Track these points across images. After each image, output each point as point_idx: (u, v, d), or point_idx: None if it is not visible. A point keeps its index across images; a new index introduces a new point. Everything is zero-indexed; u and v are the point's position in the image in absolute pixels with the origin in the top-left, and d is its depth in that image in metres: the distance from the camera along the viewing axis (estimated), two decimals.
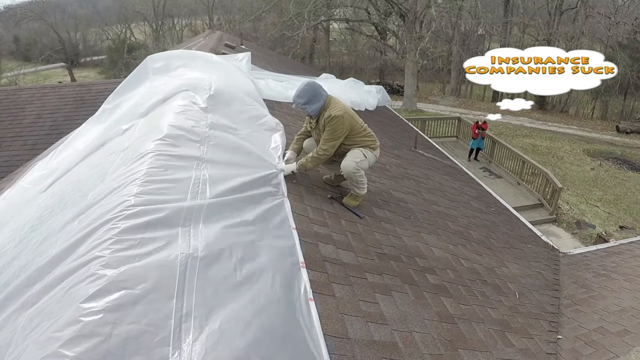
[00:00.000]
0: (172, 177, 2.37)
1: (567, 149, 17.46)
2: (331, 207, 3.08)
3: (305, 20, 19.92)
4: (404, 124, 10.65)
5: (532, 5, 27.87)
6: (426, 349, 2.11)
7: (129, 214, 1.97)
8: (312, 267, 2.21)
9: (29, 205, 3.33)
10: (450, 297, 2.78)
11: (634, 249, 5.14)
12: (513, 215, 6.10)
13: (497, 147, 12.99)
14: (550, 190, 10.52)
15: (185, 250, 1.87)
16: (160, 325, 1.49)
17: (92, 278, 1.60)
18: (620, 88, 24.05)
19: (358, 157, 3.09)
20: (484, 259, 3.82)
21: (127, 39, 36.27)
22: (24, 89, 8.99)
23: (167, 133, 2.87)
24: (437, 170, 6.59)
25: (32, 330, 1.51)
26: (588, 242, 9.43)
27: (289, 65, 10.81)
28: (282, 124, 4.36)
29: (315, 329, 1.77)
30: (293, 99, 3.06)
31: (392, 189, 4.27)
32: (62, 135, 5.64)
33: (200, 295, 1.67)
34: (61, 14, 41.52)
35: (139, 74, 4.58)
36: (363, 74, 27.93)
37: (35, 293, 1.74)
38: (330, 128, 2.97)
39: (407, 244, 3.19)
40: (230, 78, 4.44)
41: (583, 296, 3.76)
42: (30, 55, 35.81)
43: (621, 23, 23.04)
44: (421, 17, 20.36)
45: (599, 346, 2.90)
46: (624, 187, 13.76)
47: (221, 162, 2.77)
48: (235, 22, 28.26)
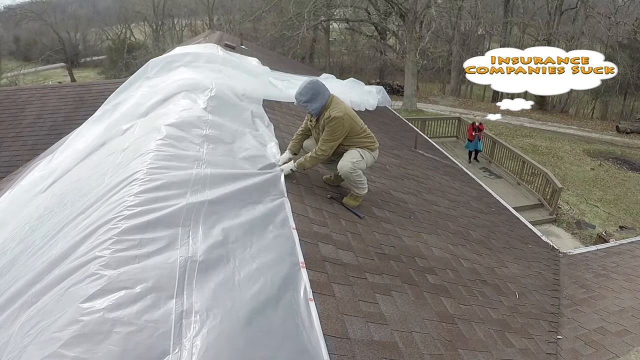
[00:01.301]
0: (172, 177, 2.37)
1: (567, 149, 17.46)
2: (331, 207, 3.08)
3: (305, 20, 19.92)
4: (404, 124, 10.65)
5: (532, 5, 27.88)
6: (426, 349, 2.11)
7: (129, 214, 1.98)
8: (312, 267, 2.21)
9: (29, 205, 3.33)
10: (450, 297, 2.77)
11: (634, 249, 5.14)
12: (513, 216, 6.10)
13: (497, 147, 12.97)
14: (550, 190, 10.52)
15: (185, 250, 1.87)
16: (161, 321, 1.49)
17: (92, 278, 1.60)
18: (620, 88, 24.05)
19: (355, 157, 3.08)
20: (484, 259, 3.82)
21: (127, 39, 36.28)
22: (24, 89, 8.99)
23: (167, 133, 2.88)
24: (437, 170, 6.59)
25: (32, 330, 1.51)
26: (588, 242, 9.43)
27: (289, 65, 10.80)
28: (282, 124, 4.36)
29: (315, 329, 1.77)
30: (295, 97, 3.05)
31: (392, 189, 4.27)
32: (62, 135, 5.64)
33: (200, 294, 1.67)
34: (61, 14, 41.53)
35: (139, 76, 4.60)
36: (363, 74, 27.93)
37: (35, 293, 1.74)
38: (330, 129, 2.97)
39: (407, 244, 3.19)
40: (233, 78, 4.44)
41: (583, 296, 3.76)
42: (30, 56, 35.83)
43: (621, 23, 23.04)
44: (421, 17, 20.35)
45: (599, 346, 2.90)
46: (624, 187, 13.76)
47: (221, 162, 2.78)
48: (235, 22, 28.24)
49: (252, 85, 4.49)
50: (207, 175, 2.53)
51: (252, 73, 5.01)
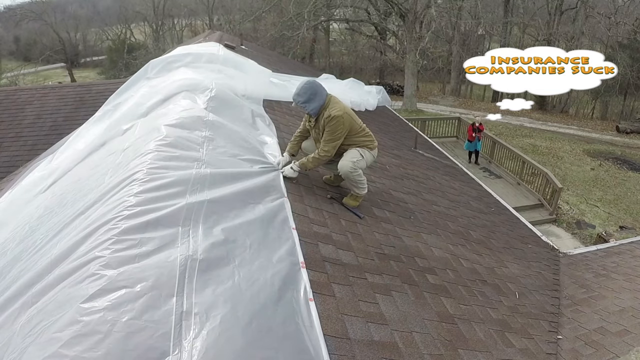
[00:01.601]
0: (172, 176, 2.37)
1: (567, 149, 17.46)
2: (331, 207, 3.08)
3: (305, 21, 19.91)
4: (404, 124, 10.64)
5: (532, 5, 27.87)
6: (426, 349, 2.11)
7: (128, 214, 1.98)
8: (312, 267, 2.21)
9: (30, 205, 3.33)
10: (450, 297, 2.78)
11: (634, 249, 5.14)
12: (513, 216, 6.10)
13: (497, 147, 12.97)
14: (550, 190, 10.52)
15: (185, 250, 1.87)
16: (161, 322, 1.49)
17: (92, 278, 1.60)
18: (620, 88, 24.04)
19: (355, 157, 3.09)
20: (484, 259, 3.82)
21: (127, 39, 36.28)
22: (24, 89, 8.99)
23: (167, 133, 2.88)
24: (437, 170, 6.59)
25: (32, 330, 1.51)
26: (588, 242, 9.43)
27: (288, 66, 10.81)
28: (282, 124, 4.36)
29: (315, 329, 1.77)
30: (293, 98, 3.06)
31: (392, 189, 4.27)
32: (62, 135, 5.64)
33: (200, 294, 1.67)
34: (61, 14, 41.53)
35: (139, 77, 4.60)
36: (363, 74, 27.92)
37: (35, 293, 1.74)
38: (330, 128, 2.97)
39: (407, 244, 3.19)
40: (234, 78, 4.43)
41: (583, 296, 3.76)
42: (30, 56, 35.82)
43: (621, 23, 23.02)
44: (421, 17, 20.35)
45: (599, 346, 2.90)
46: (624, 187, 13.76)
47: (221, 162, 2.78)
48: (235, 22, 28.22)
49: (253, 85, 4.49)
50: (207, 175, 2.53)
51: (253, 72, 5.00)
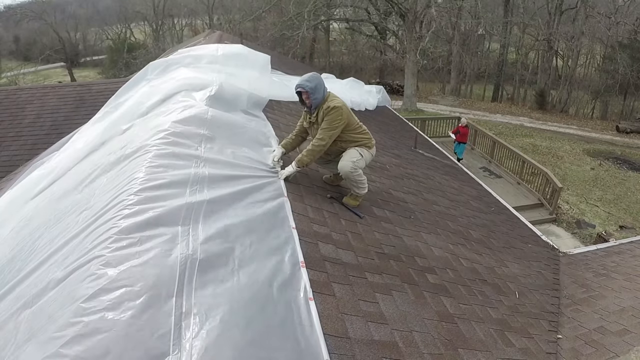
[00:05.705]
0: (171, 176, 2.37)
1: (567, 148, 17.47)
2: (331, 207, 3.08)
3: (305, 20, 19.92)
4: (404, 124, 10.64)
5: (532, 5, 27.84)
6: (426, 349, 2.11)
7: (128, 212, 1.97)
8: (312, 266, 2.21)
9: (29, 204, 3.33)
10: (450, 296, 2.77)
11: (634, 249, 5.14)
12: (513, 215, 6.09)
13: (497, 146, 12.97)
14: (550, 190, 10.52)
15: (184, 248, 1.87)
16: (161, 322, 1.49)
17: (92, 277, 1.60)
18: (620, 88, 24.05)
19: (355, 157, 3.10)
20: (484, 258, 3.82)
21: (127, 38, 36.28)
22: (24, 88, 8.98)
23: (167, 132, 2.88)
24: (437, 170, 6.59)
25: (32, 330, 1.51)
26: (588, 241, 9.43)
27: (289, 65, 10.79)
28: (282, 124, 4.36)
29: (315, 329, 1.77)
30: (300, 84, 2.99)
31: (392, 188, 4.27)
32: (62, 135, 5.64)
33: (200, 293, 1.67)
34: (61, 13, 41.50)
35: (139, 79, 4.60)
36: (363, 73, 27.90)
37: (35, 293, 1.74)
38: (329, 118, 2.98)
39: (407, 243, 3.19)
40: (235, 77, 4.42)
41: (583, 296, 3.76)
42: (30, 55, 35.80)
43: (621, 23, 23.03)
44: (421, 17, 20.34)
45: (599, 346, 2.89)
46: (623, 187, 13.76)
47: (220, 161, 2.77)
48: (235, 22, 28.20)
49: (255, 84, 4.48)
50: (206, 174, 2.53)
51: (254, 67, 4.97)
